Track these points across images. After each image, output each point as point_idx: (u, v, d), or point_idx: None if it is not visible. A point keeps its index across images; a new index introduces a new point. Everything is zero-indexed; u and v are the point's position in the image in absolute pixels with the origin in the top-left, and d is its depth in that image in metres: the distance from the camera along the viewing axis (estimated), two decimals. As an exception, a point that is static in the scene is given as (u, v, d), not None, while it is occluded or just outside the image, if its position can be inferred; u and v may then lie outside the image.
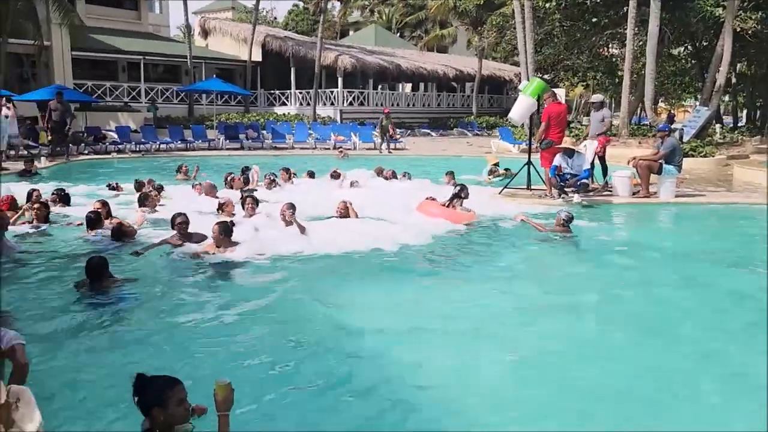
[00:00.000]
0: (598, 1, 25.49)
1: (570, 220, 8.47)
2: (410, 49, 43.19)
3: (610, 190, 12.20)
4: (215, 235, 7.00)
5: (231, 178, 11.87)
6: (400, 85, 41.50)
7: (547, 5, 26.09)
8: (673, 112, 40.87)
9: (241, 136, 24.08)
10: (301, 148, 23.51)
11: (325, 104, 33.51)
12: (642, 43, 23.96)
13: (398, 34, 51.02)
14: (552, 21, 28.34)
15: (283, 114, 31.48)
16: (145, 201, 9.53)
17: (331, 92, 33.91)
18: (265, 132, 25.47)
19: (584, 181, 11.03)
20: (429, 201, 9.64)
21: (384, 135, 23.16)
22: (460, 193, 9.32)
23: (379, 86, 38.32)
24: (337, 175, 13.11)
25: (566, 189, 11.05)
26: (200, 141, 23.38)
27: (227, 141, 23.54)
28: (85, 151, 20.32)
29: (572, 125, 26.18)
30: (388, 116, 23.41)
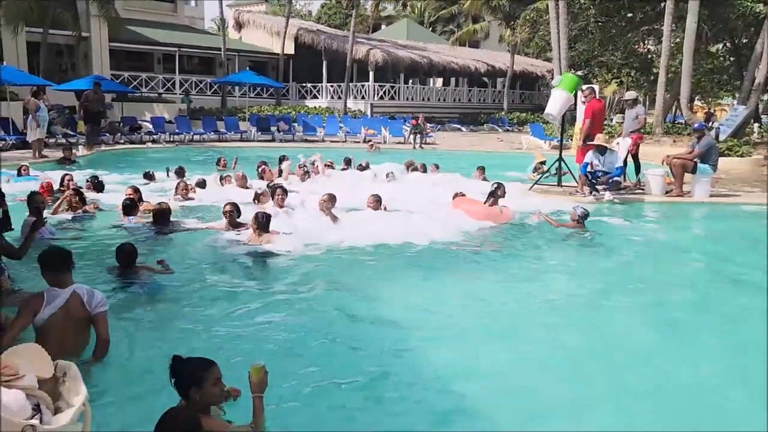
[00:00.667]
0: (635, -4, 25.09)
1: (585, 216, 8.46)
2: (442, 44, 42.98)
3: (643, 189, 12.04)
4: (253, 225, 7.11)
5: (262, 170, 12.03)
6: (431, 80, 41.37)
7: (582, 1, 25.73)
8: (711, 110, 40.01)
9: (273, 129, 24.29)
10: (332, 141, 23.62)
11: (356, 98, 33.60)
12: (679, 39, 23.50)
13: (430, 29, 50.77)
14: (587, 16, 27.93)
15: (315, 107, 31.65)
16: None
17: (362, 86, 33.98)
18: (296, 124, 25.65)
19: (616, 179, 10.92)
20: (464, 198, 9.60)
21: (415, 134, 23.16)
22: (497, 191, 9.23)
23: (410, 80, 38.25)
24: (362, 168, 13.28)
25: (597, 186, 10.95)
26: (233, 132, 23.66)
27: (259, 133, 23.78)
28: (121, 141, 20.73)
29: (605, 122, 25.82)
30: (417, 126, 23.20)
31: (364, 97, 33.69)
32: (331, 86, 34.06)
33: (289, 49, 33.57)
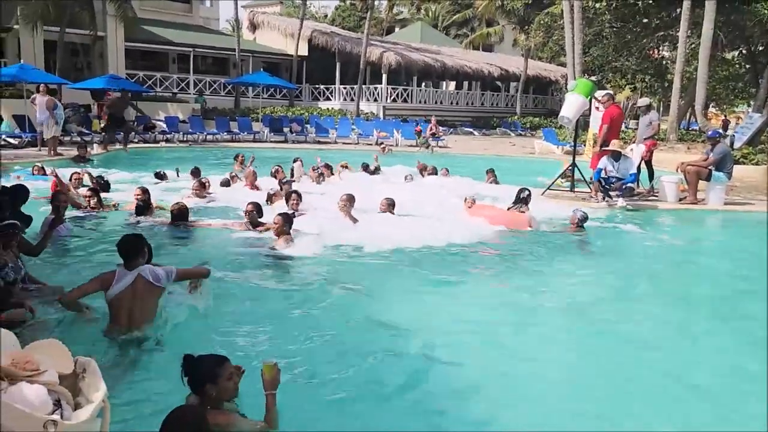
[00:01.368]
0: (651, 1, 24.92)
1: (584, 220, 8.45)
2: (455, 48, 42.95)
3: (656, 195, 11.98)
4: (278, 225, 7.13)
5: (275, 170, 12.09)
6: (444, 83, 41.35)
7: (597, 5, 25.62)
8: (728, 118, 39.70)
9: (285, 130, 24.39)
10: (344, 143, 23.68)
11: (368, 100, 33.65)
12: (694, 45, 23.37)
13: (444, 32, 50.75)
14: (601, 22, 27.80)
15: (327, 109, 31.73)
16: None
17: (375, 88, 34.03)
18: (309, 126, 25.74)
19: (630, 185, 10.88)
20: (483, 205, 9.51)
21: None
22: (528, 198, 9.03)
23: (423, 84, 38.26)
24: (367, 167, 13.38)
25: (611, 193, 10.92)
26: (245, 133, 23.79)
27: (272, 134, 23.88)
28: (135, 140, 20.88)
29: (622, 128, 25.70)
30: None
31: (376, 100, 33.74)
32: (344, 88, 34.14)
33: (303, 51, 33.69)
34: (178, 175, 12.13)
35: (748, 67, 29.67)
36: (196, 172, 11.88)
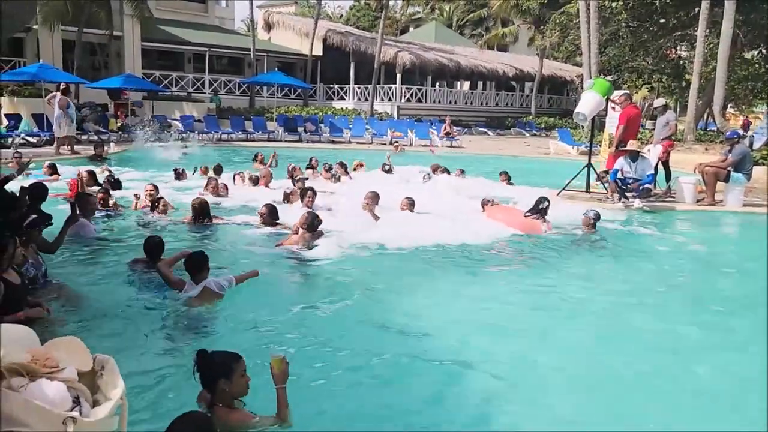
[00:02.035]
0: (668, 1, 24.68)
1: (597, 219, 8.40)
2: (470, 47, 42.85)
3: (673, 196, 11.87)
4: (302, 223, 7.12)
5: (292, 168, 12.11)
6: (459, 83, 41.25)
7: (614, 5, 25.42)
8: (748, 119, 39.20)
9: (300, 129, 24.46)
10: (358, 143, 23.69)
11: (382, 100, 33.65)
12: (712, 45, 23.10)
13: (459, 32, 50.63)
14: (618, 21, 27.58)
15: (341, 108, 31.78)
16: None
17: (390, 88, 34.02)
18: (323, 125, 25.79)
19: (647, 186, 10.78)
20: (499, 207, 9.45)
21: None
22: (546, 209, 8.76)
23: (437, 83, 38.20)
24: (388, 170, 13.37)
25: (627, 193, 10.82)
26: (260, 132, 23.88)
27: (286, 133, 23.95)
28: (151, 139, 21.01)
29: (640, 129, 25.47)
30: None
31: (390, 99, 33.72)
32: (359, 88, 34.17)
33: (318, 50, 33.76)
34: (194, 174, 12.18)
35: (767, 66, 29.32)
36: (218, 170, 11.97)
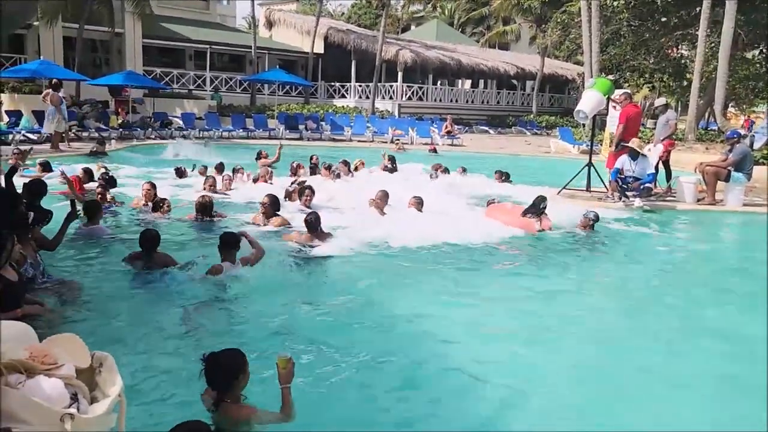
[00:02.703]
0: (669, 0, 24.65)
1: (596, 220, 8.39)
2: (471, 46, 42.81)
3: (674, 196, 11.86)
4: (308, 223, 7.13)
5: (297, 165, 12.10)
6: (460, 81, 41.22)
7: (615, 4, 25.39)
8: (752, 118, 39.11)
9: (301, 127, 24.45)
10: (359, 141, 23.68)
11: (384, 98, 33.63)
12: (714, 44, 23.06)
13: (460, 30, 50.57)
14: (619, 20, 27.54)
15: (342, 106, 31.77)
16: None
17: (391, 86, 34.00)
18: (324, 123, 25.78)
19: (648, 185, 10.77)
20: (498, 206, 9.45)
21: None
22: (543, 208, 8.73)
23: (439, 82, 38.17)
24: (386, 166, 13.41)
25: (627, 192, 10.82)
26: (261, 130, 23.87)
27: (287, 131, 23.94)
28: (152, 136, 21.04)
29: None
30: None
31: (392, 98, 33.71)
32: (360, 86, 34.15)
33: (319, 48, 33.74)
34: (192, 171, 12.16)
35: (768, 66, 29.29)
36: (220, 167, 11.98)
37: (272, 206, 7.97)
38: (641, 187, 10.71)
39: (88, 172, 10.14)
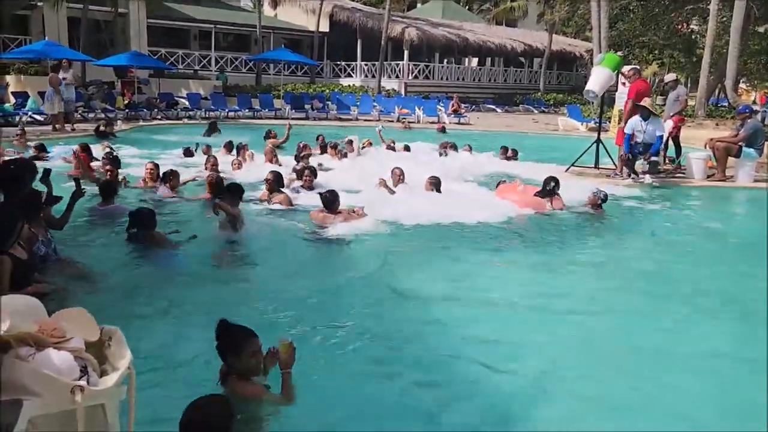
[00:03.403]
0: (680, -26, 24.29)
1: (605, 200, 8.27)
2: (478, 23, 42.34)
3: (683, 172, 11.76)
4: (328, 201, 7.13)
5: (303, 146, 12.06)
6: (467, 60, 40.86)
7: (625, -22, 25.05)
8: (766, 94, 38.67)
9: (307, 107, 24.35)
10: (365, 120, 23.56)
11: (390, 77, 33.39)
12: (725, 19, 22.70)
13: (467, 8, 49.96)
14: (629, -5, 27.23)
15: (348, 85, 31.58)
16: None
17: (397, 65, 33.75)
18: (330, 103, 25.65)
19: (654, 159, 10.65)
20: (508, 186, 9.34)
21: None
22: (555, 188, 8.67)
23: (445, 60, 37.85)
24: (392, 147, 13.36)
25: (636, 169, 10.73)
26: (267, 110, 23.78)
27: (293, 111, 23.83)
28: (158, 116, 21.01)
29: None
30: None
31: (398, 76, 33.47)
32: (366, 65, 33.91)
33: (324, 27, 33.47)
34: (196, 151, 12.11)
35: (781, 41, 28.87)
36: (229, 146, 11.95)
37: (276, 182, 7.99)
38: (649, 159, 10.57)
39: (87, 149, 10.08)
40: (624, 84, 13.17)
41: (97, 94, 20.78)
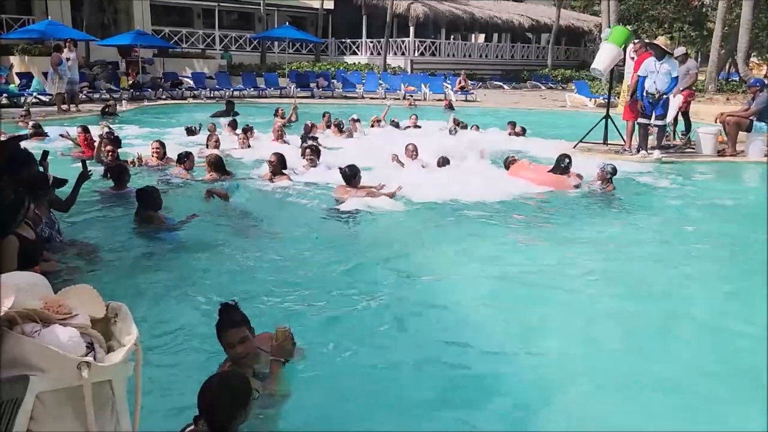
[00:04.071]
0: (691, -55, 23.82)
1: (614, 173, 8.16)
2: (485, -1, 41.82)
3: (693, 148, 11.63)
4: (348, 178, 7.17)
5: (311, 125, 11.99)
6: (473, 36, 40.40)
7: (634, -50, 24.60)
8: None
9: (312, 85, 24.19)
10: (371, 98, 23.40)
11: (395, 54, 33.08)
12: (737, -9, 22.29)
13: (473, -18, 49.36)
14: (638, -33, 26.76)
15: (354, 63, 31.33)
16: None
17: (402, 42, 33.42)
18: (335, 81, 25.47)
19: (662, 124, 10.54)
20: (522, 164, 9.24)
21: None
22: (569, 165, 8.58)
23: (452, 36, 37.45)
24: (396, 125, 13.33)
25: (650, 123, 10.60)
26: (272, 88, 23.65)
27: (298, 89, 23.69)
28: (163, 96, 20.94)
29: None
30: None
31: (404, 54, 33.15)
32: (371, 42, 33.59)
33: (329, 4, 33.12)
34: (199, 131, 12.03)
35: (793, 13, 28.36)
36: (233, 124, 11.92)
37: (279, 164, 8.00)
38: (656, 127, 10.43)
39: (87, 130, 10.03)
40: (633, 58, 12.98)
41: (102, 74, 20.69)
